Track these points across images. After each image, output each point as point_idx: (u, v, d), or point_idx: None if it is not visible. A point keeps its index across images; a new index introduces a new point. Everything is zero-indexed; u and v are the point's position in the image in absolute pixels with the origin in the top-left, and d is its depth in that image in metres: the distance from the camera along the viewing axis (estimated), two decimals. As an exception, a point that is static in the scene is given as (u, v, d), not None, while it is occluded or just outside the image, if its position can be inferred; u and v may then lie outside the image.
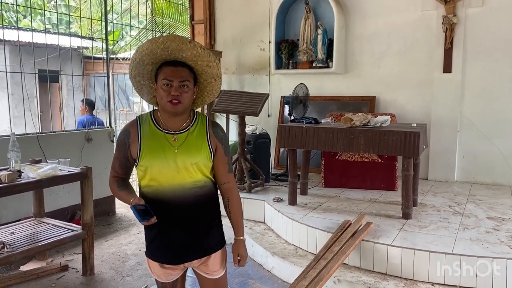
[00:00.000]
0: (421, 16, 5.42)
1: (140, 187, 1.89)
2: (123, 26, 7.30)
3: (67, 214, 4.71)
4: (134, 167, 1.89)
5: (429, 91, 5.42)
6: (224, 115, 5.45)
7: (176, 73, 1.77)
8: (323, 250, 3.15)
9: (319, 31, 5.80)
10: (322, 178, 5.04)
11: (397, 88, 5.64)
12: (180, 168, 1.81)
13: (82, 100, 6.18)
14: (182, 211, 1.84)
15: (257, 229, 4.27)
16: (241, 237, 1.97)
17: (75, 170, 3.52)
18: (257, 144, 5.21)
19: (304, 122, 4.30)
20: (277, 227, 4.13)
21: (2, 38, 6.58)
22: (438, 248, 3.09)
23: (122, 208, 5.71)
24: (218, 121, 6.22)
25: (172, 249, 1.88)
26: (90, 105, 6.07)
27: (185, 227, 1.86)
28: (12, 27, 8.61)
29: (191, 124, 1.87)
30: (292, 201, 4.26)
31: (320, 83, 6.00)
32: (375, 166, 4.85)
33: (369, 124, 3.94)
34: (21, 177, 3.18)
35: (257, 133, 5.35)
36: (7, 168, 3.29)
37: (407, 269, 3.09)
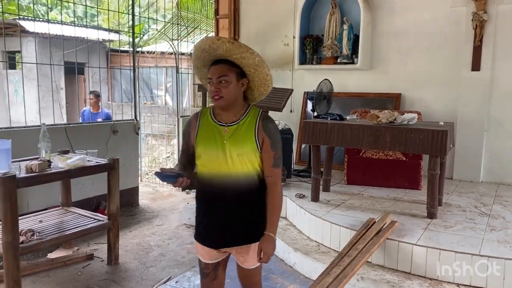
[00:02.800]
0: (450, 13, 5.31)
1: (197, 172, 2.05)
2: (147, 20, 7.37)
3: (92, 204, 4.80)
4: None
5: (456, 89, 5.31)
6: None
7: (213, 71, 1.92)
8: (347, 247, 3.13)
9: (345, 27, 5.75)
10: (345, 175, 5.00)
11: (424, 85, 5.54)
12: (228, 158, 1.93)
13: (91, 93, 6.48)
14: (226, 199, 1.96)
15: (279, 225, 4.25)
16: (271, 234, 1.96)
17: (103, 161, 3.59)
18: (280, 140, 5.20)
19: (329, 118, 4.27)
20: (299, 223, 4.13)
21: (32, 31, 6.73)
22: (464, 249, 3.04)
23: (146, 200, 5.80)
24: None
25: (213, 234, 2.03)
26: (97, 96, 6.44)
27: (227, 214, 1.98)
28: (41, 19, 8.80)
29: (242, 118, 1.97)
30: (315, 198, 4.24)
31: (345, 79, 5.95)
32: (400, 164, 4.79)
33: (395, 121, 3.89)
34: (51, 166, 3.26)
35: (280, 129, 5.35)
36: (38, 158, 3.37)
37: (432, 269, 3.06)
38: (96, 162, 3.56)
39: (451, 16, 5.31)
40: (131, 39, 5.46)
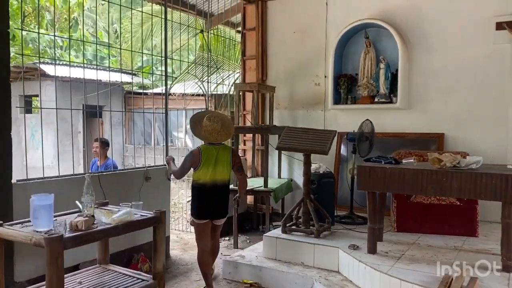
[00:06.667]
0: (493, 50, 5.13)
1: None
2: (178, 61, 7.21)
3: (123, 258, 4.46)
4: None
5: (504, 128, 5.06)
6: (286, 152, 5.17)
7: None
8: (431, 310, 2.78)
9: (381, 65, 5.57)
10: (395, 222, 4.65)
11: (467, 125, 5.29)
12: None
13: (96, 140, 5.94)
14: None
15: (334, 280, 3.89)
16: None
17: (149, 214, 3.26)
18: (322, 184, 4.90)
19: (383, 162, 3.98)
20: (358, 279, 3.75)
21: (52, 74, 6.56)
22: None
23: (175, 250, 5.44)
24: (277, 158, 6.00)
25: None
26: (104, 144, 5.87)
27: None
28: (61, 63, 8.70)
29: None
30: (372, 249, 3.89)
31: (381, 119, 5.69)
32: (454, 210, 4.46)
33: (459, 165, 3.61)
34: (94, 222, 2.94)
35: (321, 172, 5.05)
36: (79, 212, 3.07)
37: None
38: (141, 215, 3.24)
39: (494, 53, 5.13)
40: (145, 81, 5.27)
